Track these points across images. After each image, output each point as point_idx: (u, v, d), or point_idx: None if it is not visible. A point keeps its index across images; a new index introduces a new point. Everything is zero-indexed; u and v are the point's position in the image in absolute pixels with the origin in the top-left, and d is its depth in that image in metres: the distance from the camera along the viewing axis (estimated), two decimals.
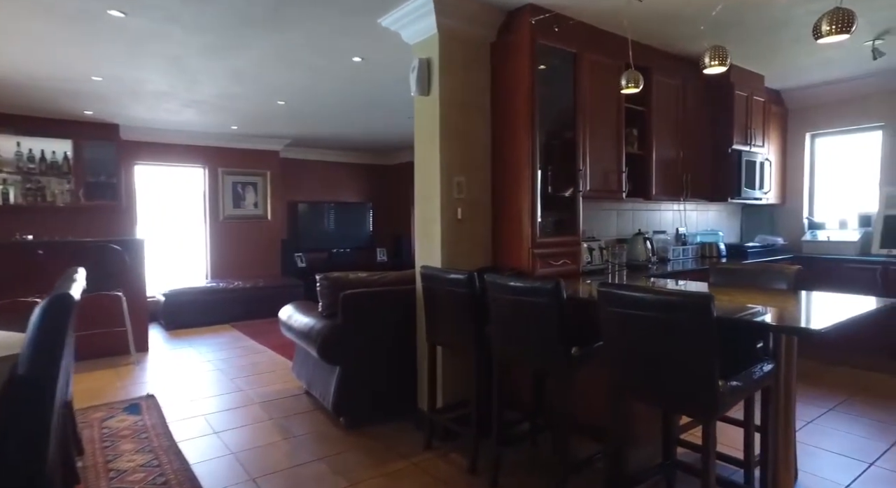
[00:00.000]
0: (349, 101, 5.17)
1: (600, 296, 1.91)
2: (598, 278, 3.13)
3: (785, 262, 4.39)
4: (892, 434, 2.96)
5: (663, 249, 4.14)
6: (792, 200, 5.07)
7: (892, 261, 4.01)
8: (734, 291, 2.36)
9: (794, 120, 5.03)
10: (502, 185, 3.10)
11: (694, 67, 4.02)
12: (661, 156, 3.75)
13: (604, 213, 3.87)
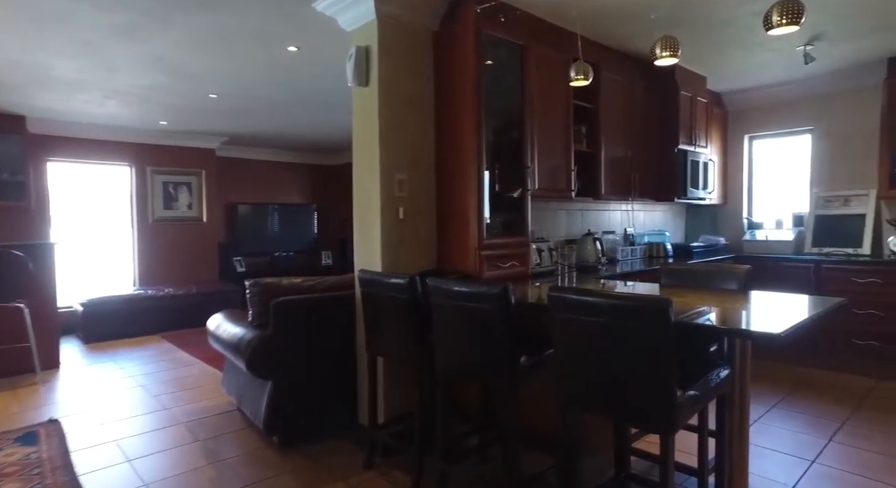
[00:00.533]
0: (287, 95, 4.86)
1: (550, 300, 1.76)
2: (548, 280, 3.01)
3: (727, 262, 4.45)
4: (829, 428, 2.99)
5: (612, 250, 4.09)
6: (733, 201, 5.18)
7: (823, 260, 4.13)
8: (686, 292, 2.28)
9: (734, 122, 5.14)
10: (447, 184, 2.93)
11: (641, 65, 4.00)
12: (611, 154, 3.69)
13: (553, 213, 3.77)
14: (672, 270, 2.65)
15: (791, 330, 1.49)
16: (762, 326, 1.55)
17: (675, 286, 2.50)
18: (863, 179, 4.40)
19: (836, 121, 4.55)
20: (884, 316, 3.85)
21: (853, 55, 4.00)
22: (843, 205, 4.48)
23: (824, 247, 4.45)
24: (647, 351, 1.53)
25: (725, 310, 1.87)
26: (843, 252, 4.32)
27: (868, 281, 3.92)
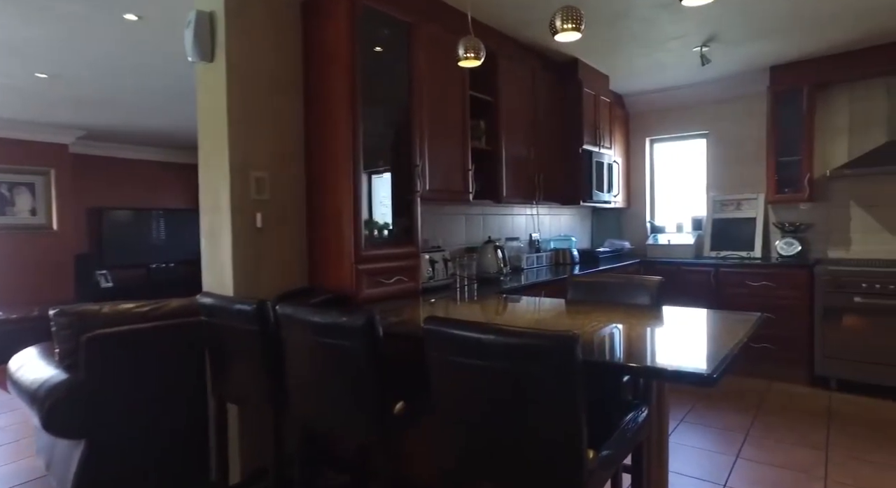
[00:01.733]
0: (144, 81, 4.10)
1: (426, 335, 1.33)
2: (443, 296, 2.60)
3: (632, 267, 4.33)
4: (735, 442, 2.85)
5: (517, 257, 3.79)
6: (636, 204, 5.12)
7: (721, 264, 4.11)
8: (594, 309, 1.97)
9: (635, 124, 5.09)
10: (320, 184, 2.43)
11: (544, 59, 3.74)
12: (512, 153, 3.38)
13: (450, 219, 3.38)
14: (580, 283, 2.34)
15: (721, 367, 1.17)
16: (689, 362, 1.22)
17: (583, 302, 2.19)
18: (753, 184, 4.47)
19: (728, 126, 4.60)
20: (776, 318, 3.86)
21: (743, 61, 4.01)
22: (737, 209, 4.53)
23: (721, 251, 4.46)
24: (548, 401, 1.14)
25: (641, 337, 1.54)
26: (737, 255, 4.35)
27: (760, 284, 3.93)
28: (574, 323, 1.73)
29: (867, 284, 3.52)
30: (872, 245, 4.03)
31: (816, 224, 4.23)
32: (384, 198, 2.60)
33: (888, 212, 3.97)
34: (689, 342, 1.47)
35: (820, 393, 3.60)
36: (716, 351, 1.30)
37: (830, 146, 4.17)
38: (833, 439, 2.88)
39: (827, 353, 3.67)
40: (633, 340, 1.49)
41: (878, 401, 3.43)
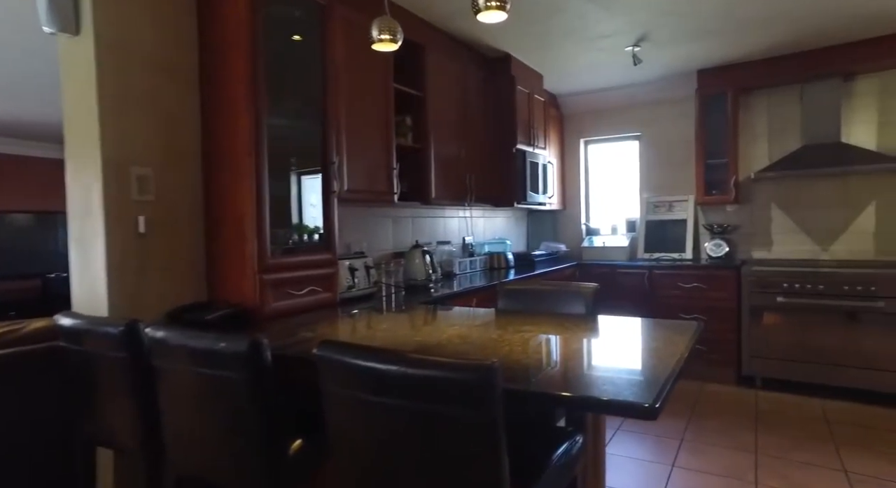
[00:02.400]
0: (17, 61, 3.57)
1: (318, 363, 1.09)
2: (365, 306, 2.35)
3: (568, 270, 4.24)
4: (670, 449, 2.79)
5: (448, 262, 3.59)
6: (571, 206, 5.07)
7: (655, 265, 4.10)
8: (525, 321, 1.79)
9: (569, 125, 5.05)
10: (218, 183, 2.12)
11: (475, 54, 3.57)
12: (442, 152, 3.17)
13: (377, 222, 3.13)
14: (511, 291, 2.16)
15: (664, 394, 1.00)
16: (628, 389, 1.04)
17: (514, 312, 2.01)
18: (684, 185, 4.51)
19: (660, 128, 4.63)
20: (706, 319, 3.89)
21: (673, 64, 4.03)
22: (669, 211, 4.56)
23: (655, 253, 4.47)
24: (464, 445, 0.93)
25: (574, 356, 1.37)
26: (670, 257, 4.37)
27: (692, 285, 3.94)
28: (501, 339, 1.54)
29: (788, 284, 3.59)
30: (791, 245, 4.15)
31: (742, 225, 4.32)
32: (319, 202, 2.33)
33: (804, 214, 4.10)
34: (628, 361, 1.30)
35: (747, 393, 3.64)
36: (656, 374, 1.14)
37: (753, 149, 4.27)
38: (762, 440, 2.87)
39: (752, 353, 3.72)
40: (566, 360, 1.31)
41: (800, 398, 3.50)
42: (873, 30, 3.46)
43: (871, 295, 3.36)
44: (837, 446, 2.79)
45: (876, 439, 2.87)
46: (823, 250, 4.06)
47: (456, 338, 1.56)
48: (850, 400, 3.43)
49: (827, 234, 4.04)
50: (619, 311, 4.21)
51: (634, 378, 1.13)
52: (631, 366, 1.24)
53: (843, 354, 3.45)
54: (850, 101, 3.92)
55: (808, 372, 3.55)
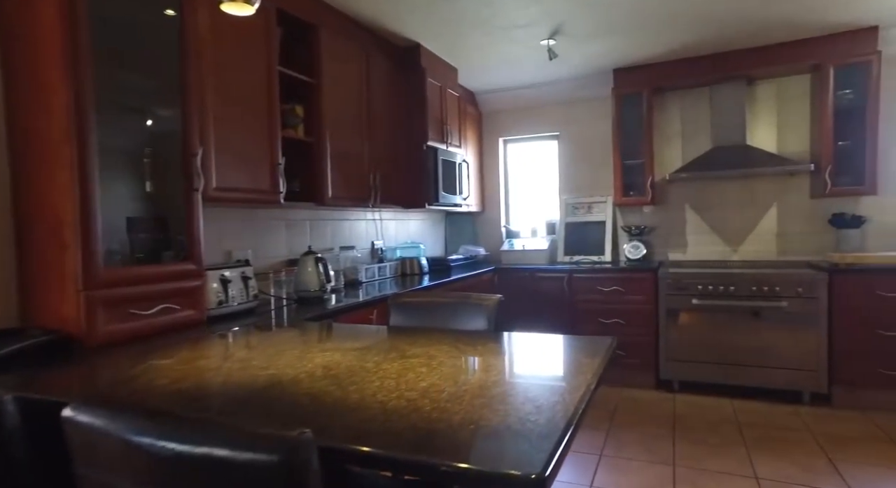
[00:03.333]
0: None
1: (64, 430, 0.74)
2: (241, 325, 1.97)
3: (487, 274, 4.03)
4: (590, 467, 2.62)
5: (353, 269, 3.25)
6: (491, 208, 4.88)
7: (575, 269, 3.98)
8: (416, 340, 1.50)
9: (488, 123, 4.86)
10: (27, 177, 1.67)
11: (380, 41, 3.26)
12: (341, 147, 2.84)
13: (267, 226, 2.75)
14: (404, 305, 1.87)
15: (557, 456, 0.74)
16: (513, 450, 0.77)
17: (406, 330, 1.71)
18: (603, 186, 4.44)
19: (578, 128, 4.54)
20: (625, 324, 3.81)
21: (589, 61, 3.93)
22: (588, 213, 4.47)
23: (574, 256, 4.36)
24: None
25: (458, 393, 1.09)
26: (590, 260, 4.27)
27: (611, 289, 3.85)
28: (377, 369, 1.24)
29: (702, 286, 3.56)
30: (704, 247, 4.18)
31: (659, 227, 4.31)
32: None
33: (715, 215, 4.14)
34: (521, 399, 1.04)
35: (665, 398, 3.57)
36: (553, 421, 0.88)
37: (668, 150, 4.27)
38: (679, 449, 2.77)
39: (669, 356, 3.67)
40: (445, 402, 1.03)
41: (714, 400, 3.47)
42: (770, 36, 3.51)
43: (776, 295, 3.39)
44: (749, 450, 2.74)
45: (780, 440, 2.86)
46: (733, 251, 4.11)
47: (320, 370, 1.24)
48: (756, 399, 3.45)
49: (736, 235, 4.09)
50: (538, 318, 4.09)
51: (524, 427, 0.87)
52: (523, 407, 0.98)
53: (750, 354, 3.46)
54: (753, 105, 3.99)
55: (720, 374, 3.54)
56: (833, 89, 3.53)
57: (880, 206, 3.69)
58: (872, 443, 2.79)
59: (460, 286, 3.56)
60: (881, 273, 3.21)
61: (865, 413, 3.21)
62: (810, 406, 3.33)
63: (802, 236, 3.91)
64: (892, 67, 3.60)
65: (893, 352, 3.19)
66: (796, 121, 3.91)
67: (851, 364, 3.27)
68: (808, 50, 3.58)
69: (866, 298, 3.23)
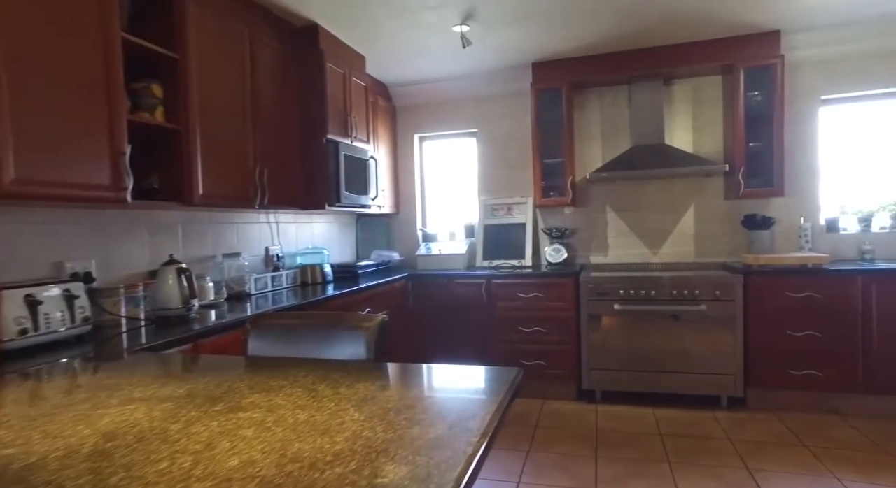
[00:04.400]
0: None
1: None
2: (51, 361, 1.50)
3: (399, 281, 3.70)
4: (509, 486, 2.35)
5: (239, 279, 2.80)
6: (406, 209, 4.55)
7: (494, 274, 3.73)
8: (267, 379, 1.14)
9: (403, 119, 4.53)
10: None
11: (270, 17, 2.84)
12: (216, 137, 2.39)
13: (121, 230, 2.25)
14: (266, 327, 1.49)
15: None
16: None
17: (259, 366, 1.33)
18: (522, 187, 4.24)
19: (496, 125, 4.31)
20: (546, 332, 3.60)
21: (506, 53, 3.71)
22: (508, 214, 4.25)
23: (494, 260, 4.12)
24: None
25: (292, 479, 0.74)
26: (510, 264, 4.05)
27: (531, 295, 3.63)
28: (181, 436, 0.87)
29: (623, 290, 3.42)
30: (625, 249, 4.08)
31: (580, 229, 4.16)
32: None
33: (635, 216, 4.05)
34: (381, 474, 0.71)
35: (587, 410, 3.39)
36: None
37: (589, 149, 4.14)
38: (602, 470, 2.57)
39: (592, 365, 3.50)
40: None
41: (636, 410, 3.34)
42: (685, 34, 3.45)
43: (695, 298, 3.31)
44: (671, 465, 2.58)
45: (701, 450, 2.74)
46: (653, 253, 4.03)
47: (93, 441, 0.85)
48: (678, 406, 3.35)
49: (656, 237, 4.02)
50: (455, 329, 3.77)
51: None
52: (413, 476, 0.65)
53: (671, 360, 3.36)
54: (670, 105, 3.93)
55: (642, 382, 3.41)
56: (744, 91, 3.52)
57: (787, 208, 3.73)
58: (785, 448, 2.73)
59: (368, 295, 3.20)
60: (789, 274, 3.21)
61: (777, 414, 3.18)
62: (728, 410, 3.27)
63: (718, 237, 3.90)
64: (795, 72, 3.65)
65: (801, 353, 3.19)
66: (711, 122, 3.89)
67: (764, 366, 3.24)
68: (721, 50, 3.55)
69: (777, 299, 3.21)
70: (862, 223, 3.67)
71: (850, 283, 3.12)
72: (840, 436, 2.86)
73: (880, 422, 3.03)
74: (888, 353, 3.07)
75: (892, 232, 3.60)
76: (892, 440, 2.80)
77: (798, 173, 3.71)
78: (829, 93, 3.66)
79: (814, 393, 3.22)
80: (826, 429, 2.96)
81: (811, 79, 3.67)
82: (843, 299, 3.12)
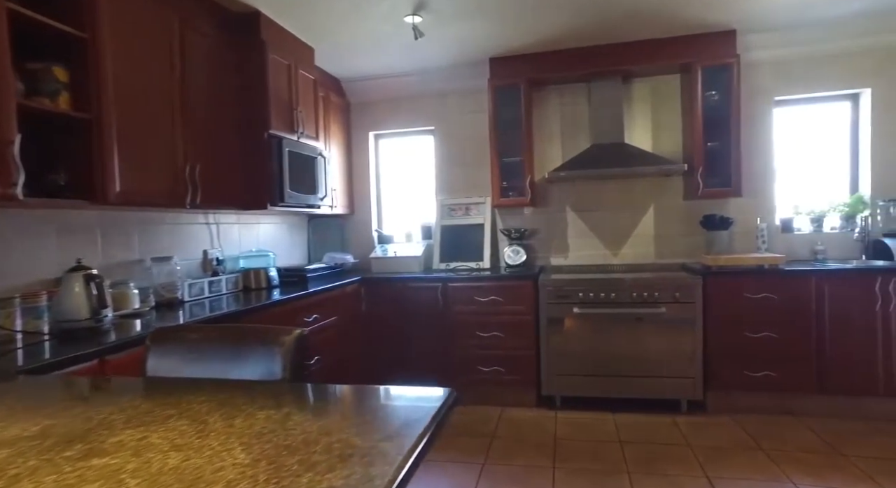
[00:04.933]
0: None
1: None
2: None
3: (351, 286, 3.51)
4: None
5: (170, 286, 2.57)
6: (361, 210, 4.35)
7: (451, 277, 3.58)
8: (150, 413, 0.95)
9: (357, 116, 4.34)
10: None
11: (200, 0, 2.61)
12: (136, 129, 2.16)
13: (21, 232, 2.00)
14: (170, 342, 1.29)
15: None
16: None
17: (151, 390, 1.14)
18: (481, 186, 4.11)
19: (453, 122, 4.17)
20: (504, 336, 3.48)
21: (464, 48, 3.58)
22: (466, 215, 4.12)
23: (451, 262, 3.98)
24: None
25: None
26: (467, 267, 3.91)
27: (489, 298, 3.50)
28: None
29: (583, 293, 3.33)
30: (586, 250, 4.00)
31: (540, 230, 4.06)
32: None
33: (595, 217, 3.97)
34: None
35: (547, 417, 3.28)
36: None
37: (549, 148, 4.04)
38: (559, 485, 2.44)
39: (551, 371, 3.39)
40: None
41: (597, 416, 3.25)
42: (644, 31, 3.39)
43: (655, 300, 3.25)
44: (630, 476, 2.49)
45: (661, 458, 2.66)
46: (614, 254, 3.96)
47: None
48: (638, 411, 3.28)
49: (616, 238, 3.95)
50: (410, 335, 3.58)
51: None
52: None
53: (632, 364, 3.28)
54: (630, 104, 3.88)
55: (602, 387, 3.32)
56: (702, 90, 3.48)
57: (744, 208, 3.72)
58: (743, 453, 2.68)
59: (316, 301, 3.01)
60: (747, 274, 3.18)
61: (736, 417, 3.15)
62: (687, 414, 3.21)
63: (678, 238, 3.86)
64: (750, 72, 3.65)
65: (758, 355, 3.16)
66: (670, 121, 3.85)
67: (723, 369, 3.20)
68: (680, 48, 3.51)
69: (735, 301, 3.18)
70: (814, 223, 3.69)
71: (805, 284, 3.10)
72: (796, 438, 2.84)
73: (833, 422, 3.03)
74: (839, 353, 3.07)
75: (842, 232, 3.63)
76: (844, 440, 2.79)
77: (754, 174, 3.70)
78: (782, 94, 3.67)
79: (771, 395, 3.20)
80: (783, 431, 2.93)
81: (765, 79, 3.67)
82: (798, 300, 3.11)
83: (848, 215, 3.63)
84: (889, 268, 3.06)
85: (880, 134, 3.54)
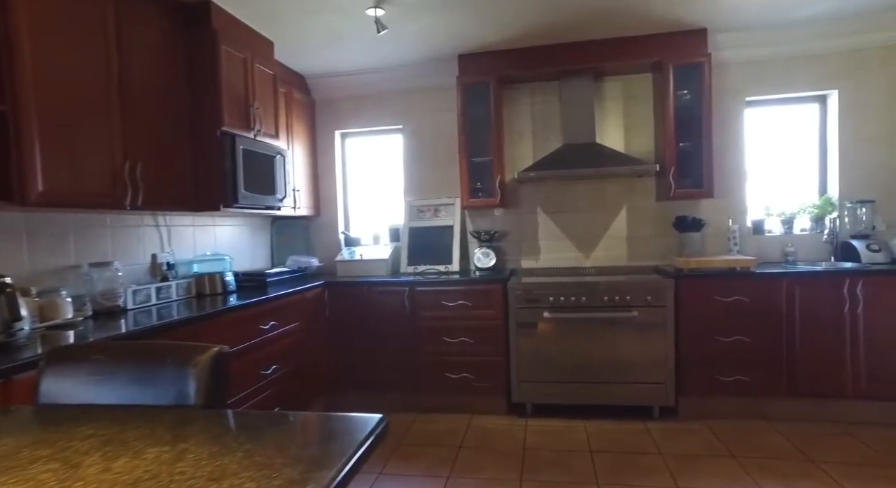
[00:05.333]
0: None
1: None
2: None
3: (314, 291, 3.36)
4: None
5: (110, 294, 2.39)
6: (327, 211, 4.19)
7: (418, 281, 3.45)
8: (13, 461, 0.80)
9: (323, 114, 4.18)
10: None
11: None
12: (64, 125, 1.99)
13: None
14: (68, 363, 1.14)
15: None
16: None
17: (46, 419, 0.99)
18: (450, 187, 3.99)
19: (422, 121, 4.05)
20: (473, 342, 3.36)
21: (431, 44, 3.46)
22: (434, 216, 3.99)
23: (420, 265, 3.85)
24: None
25: None
26: (436, 270, 3.79)
27: (457, 303, 3.38)
28: None
29: (553, 297, 3.23)
30: (557, 253, 3.91)
31: (510, 232, 3.96)
32: None
33: (567, 218, 3.89)
34: None
35: (516, 425, 3.17)
36: None
37: (519, 148, 3.94)
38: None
39: (522, 377, 3.29)
40: None
41: (567, 424, 3.15)
42: (614, 28, 3.31)
43: (626, 304, 3.17)
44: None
45: (631, 468, 2.57)
46: (586, 257, 3.88)
47: None
48: (609, 418, 3.19)
49: (588, 240, 3.87)
50: (375, 341, 3.43)
51: None
52: None
53: (603, 370, 3.19)
54: (601, 103, 3.80)
55: (574, 393, 3.23)
56: (673, 89, 3.42)
57: (716, 209, 3.67)
58: (714, 460, 2.62)
59: (274, 306, 2.85)
60: (718, 277, 3.12)
61: (708, 422, 3.08)
62: (659, 421, 3.14)
63: (650, 240, 3.79)
64: (722, 71, 3.60)
65: (729, 359, 3.10)
66: (642, 121, 3.78)
67: (695, 373, 3.14)
68: (651, 46, 3.44)
69: (707, 304, 3.12)
70: (785, 225, 3.66)
71: (776, 286, 3.06)
72: (767, 444, 2.78)
73: (804, 425, 2.99)
74: (809, 356, 3.03)
75: (811, 234, 3.61)
76: (814, 445, 2.74)
77: (726, 174, 3.66)
78: (753, 94, 3.63)
79: (742, 399, 3.14)
80: (754, 437, 2.87)
81: (736, 80, 3.63)
82: (769, 302, 3.06)
83: (817, 217, 3.61)
84: (856, 270, 3.03)
85: (847, 136, 3.53)
